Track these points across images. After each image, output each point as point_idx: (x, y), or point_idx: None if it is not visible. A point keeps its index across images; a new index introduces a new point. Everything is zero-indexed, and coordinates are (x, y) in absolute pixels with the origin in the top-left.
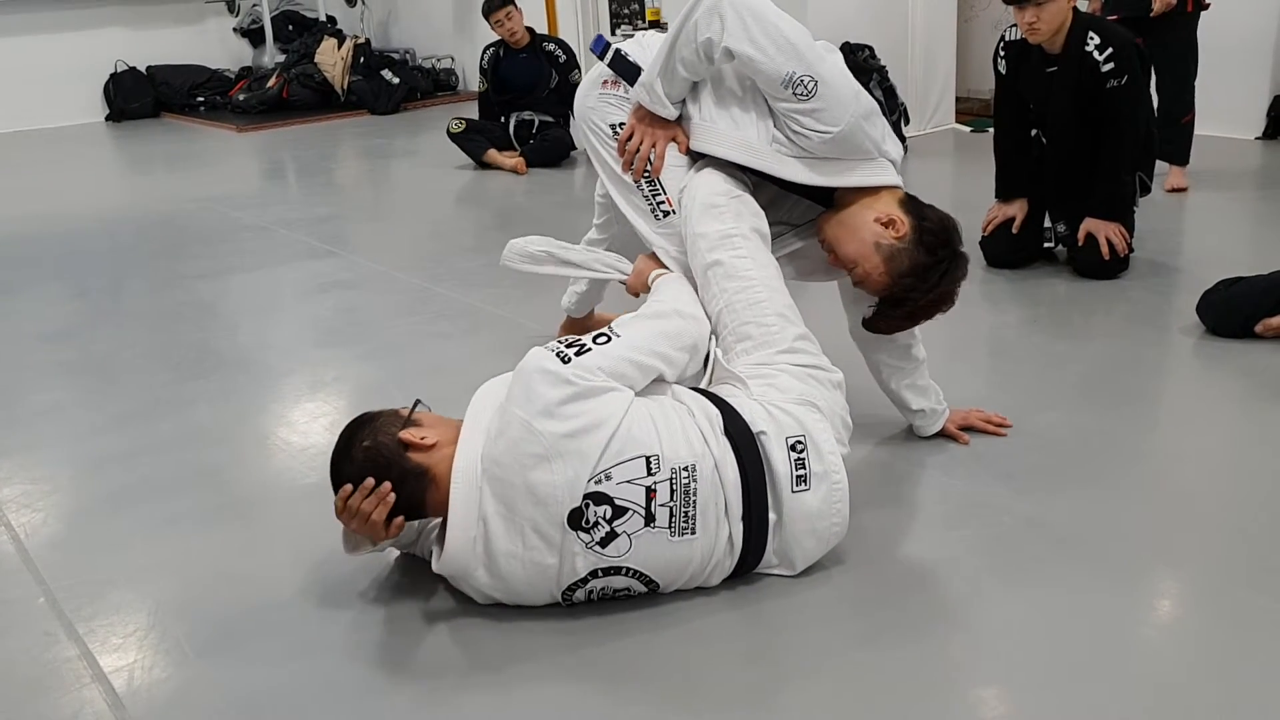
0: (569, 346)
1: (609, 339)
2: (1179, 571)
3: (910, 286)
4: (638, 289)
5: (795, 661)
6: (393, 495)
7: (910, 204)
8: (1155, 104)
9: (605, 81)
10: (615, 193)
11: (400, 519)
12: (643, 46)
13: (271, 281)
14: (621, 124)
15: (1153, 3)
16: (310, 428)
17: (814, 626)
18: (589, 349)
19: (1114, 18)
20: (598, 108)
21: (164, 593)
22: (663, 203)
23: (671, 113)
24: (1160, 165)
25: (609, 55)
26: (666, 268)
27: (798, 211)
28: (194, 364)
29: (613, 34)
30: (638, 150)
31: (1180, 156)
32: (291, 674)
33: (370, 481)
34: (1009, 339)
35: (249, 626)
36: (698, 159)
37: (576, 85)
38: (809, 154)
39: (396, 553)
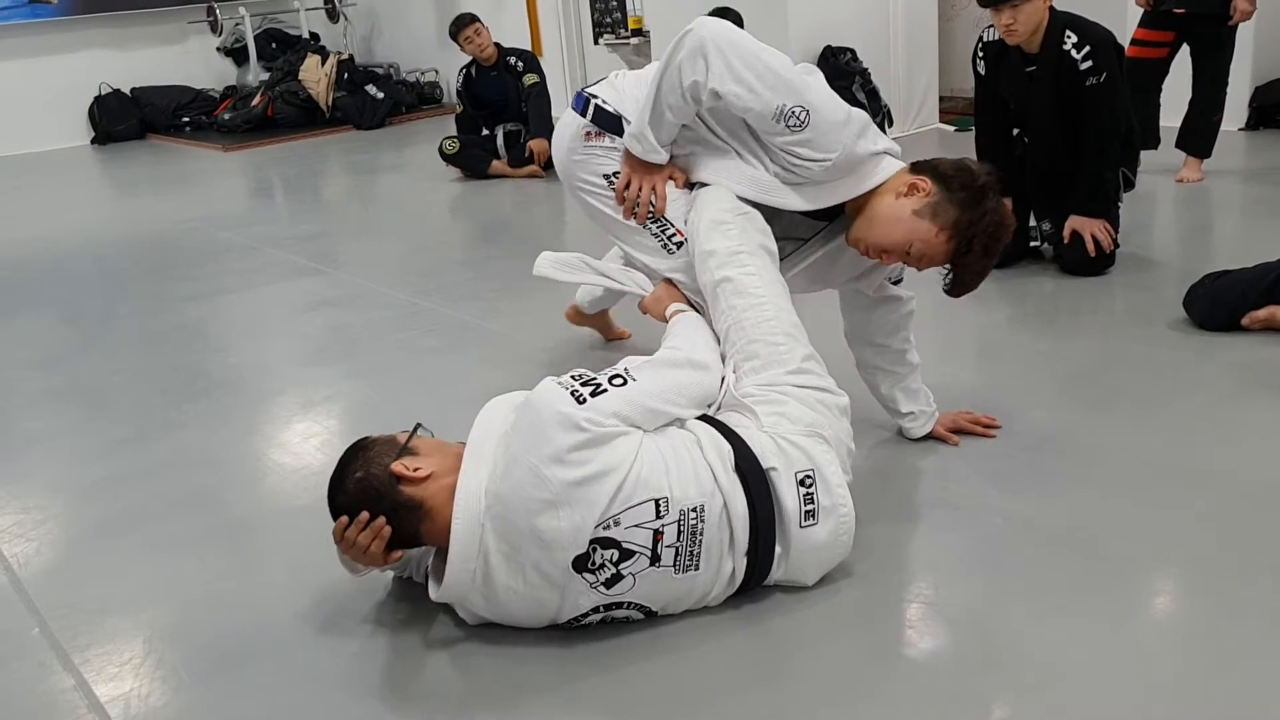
0: (584, 385)
1: (625, 382)
2: (1171, 568)
3: (970, 222)
4: (653, 313)
5: (803, 681)
6: (388, 529)
7: (914, 166)
8: (1190, 99)
9: (588, 134)
10: (620, 241)
11: (399, 551)
12: (616, 89)
13: (260, 301)
14: (614, 173)
15: (1231, 12)
16: (302, 448)
17: (819, 643)
18: (605, 390)
19: (1180, 11)
20: (585, 162)
21: (159, 619)
22: (673, 235)
23: (664, 157)
24: (1175, 157)
25: (590, 111)
26: (687, 299)
27: (795, 226)
28: (184, 387)
29: (595, 43)
30: (637, 196)
31: (1204, 150)
32: (289, 699)
33: (365, 515)
34: (996, 338)
35: (245, 651)
36: (694, 187)
37: (531, 87)
38: (810, 181)
39: (390, 575)
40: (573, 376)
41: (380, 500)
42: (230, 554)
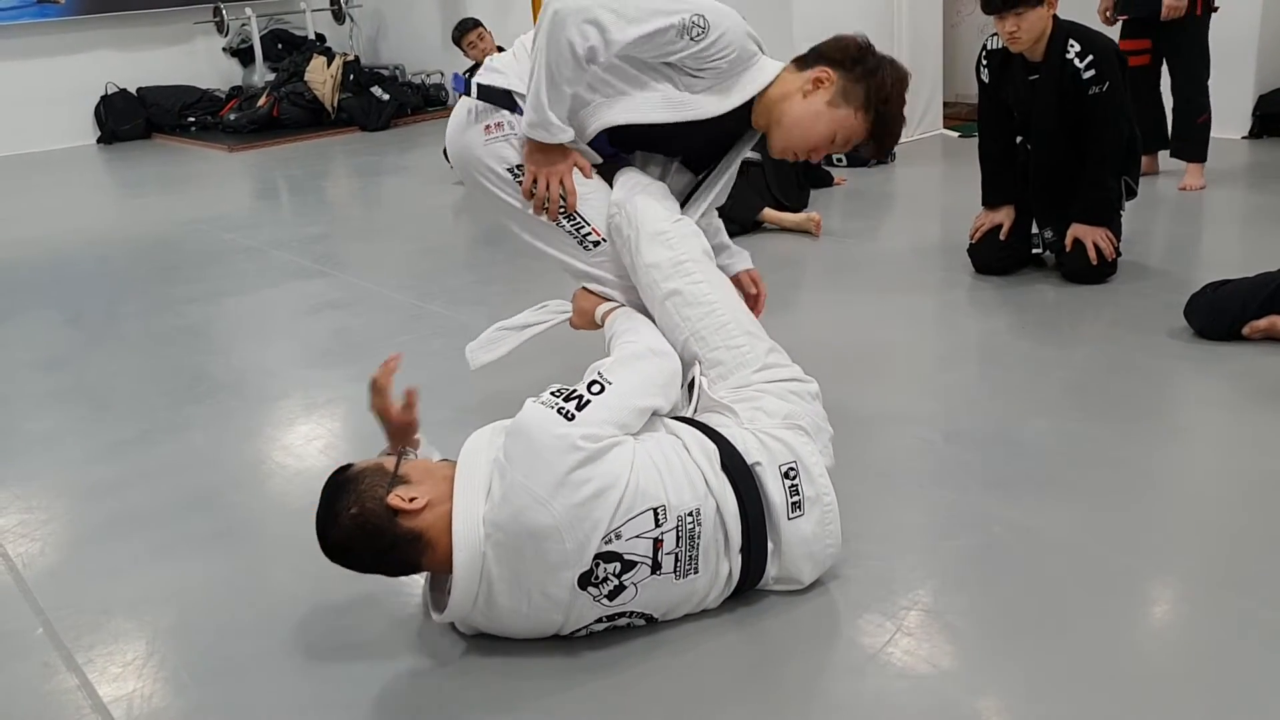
0: (567, 399)
1: (603, 388)
2: (1169, 577)
3: (877, 90)
4: (583, 325)
5: (799, 685)
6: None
7: (801, 59)
8: (1171, 105)
9: (488, 126)
10: (530, 237)
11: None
12: (494, 70)
13: (264, 303)
14: (519, 165)
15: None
16: (305, 451)
17: (815, 647)
18: (588, 400)
19: (1124, 18)
20: (487, 153)
21: (162, 620)
22: (589, 234)
23: (570, 134)
24: (1171, 163)
25: (474, 89)
26: (608, 299)
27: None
28: (188, 389)
29: None
30: (546, 192)
31: (1197, 155)
32: (289, 702)
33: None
34: (997, 345)
35: (248, 653)
36: (608, 175)
37: None
38: (713, 84)
39: (393, 581)
40: (552, 394)
41: (380, 536)
42: (233, 556)
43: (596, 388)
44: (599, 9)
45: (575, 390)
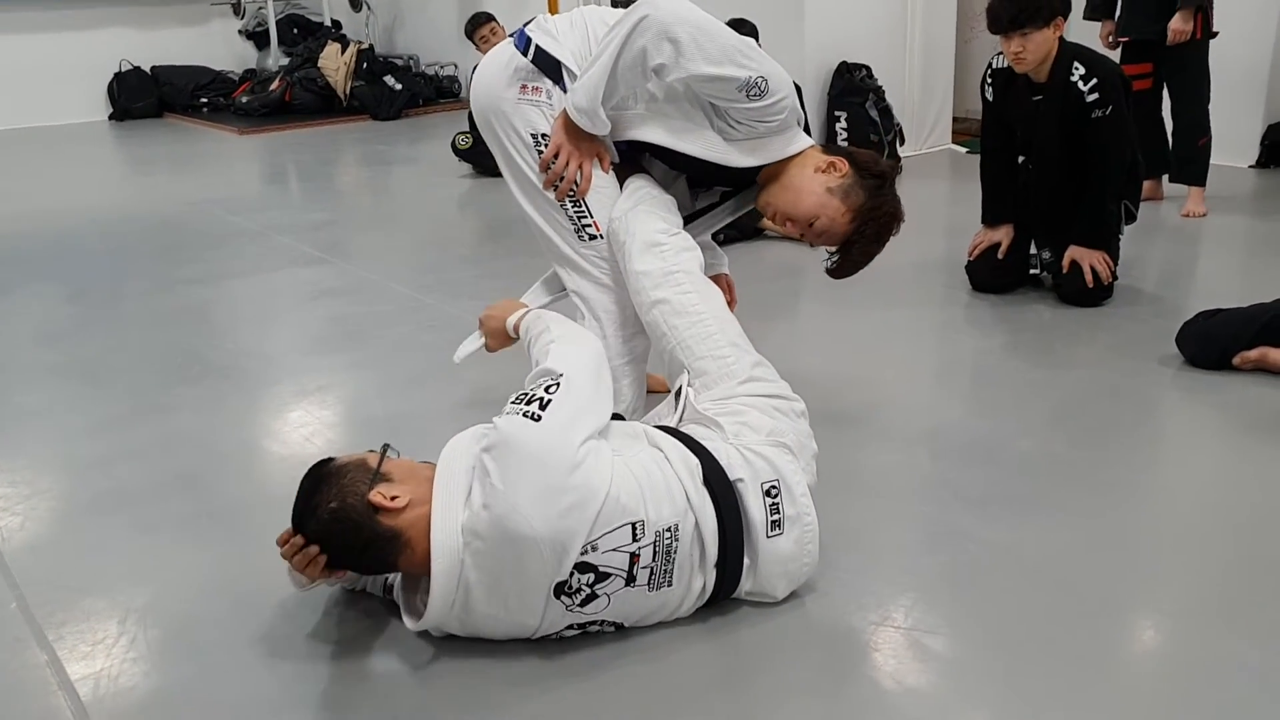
0: (528, 403)
1: (557, 384)
2: (1149, 604)
3: (872, 208)
4: (499, 346)
5: (766, 699)
6: (323, 558)
7: (829, 148)
8: (1170, 128)
9: (525, 87)
10: (529, 205)
11: (343, 571)
12: (551, 36)
13: (264, 288)
14: (544, 134)
15: (1167, 33)
16: (292, 437)
17: (786, 659)
18: (549, 400)
19: (1125, 40)
20: (516, 111)
21: (136, 600)
22: (589, 225)
23: (608, 128)
24: (1176, 189)
25: (531, 51)
26: (576, 292)
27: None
28: (182, 370)
29: None
30: (563, 171)
31: (1197, 177)
32: (257, 691)
33: (299, 540)
34: (990, 364)
35: (219, 637)
36: (621, 175)
37: None
38: (745, 138)
39: (345, 588)
40: (513, 403)
41: (358, 531)
42: (213, 540)
43: (552, 386)
44: (683, 32)
45: (533, 394)
